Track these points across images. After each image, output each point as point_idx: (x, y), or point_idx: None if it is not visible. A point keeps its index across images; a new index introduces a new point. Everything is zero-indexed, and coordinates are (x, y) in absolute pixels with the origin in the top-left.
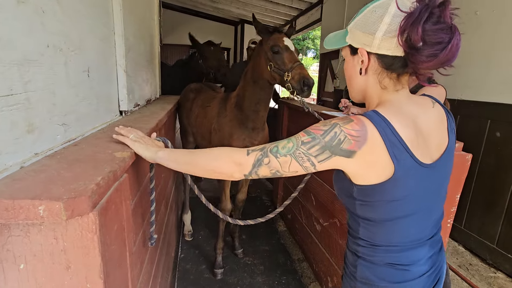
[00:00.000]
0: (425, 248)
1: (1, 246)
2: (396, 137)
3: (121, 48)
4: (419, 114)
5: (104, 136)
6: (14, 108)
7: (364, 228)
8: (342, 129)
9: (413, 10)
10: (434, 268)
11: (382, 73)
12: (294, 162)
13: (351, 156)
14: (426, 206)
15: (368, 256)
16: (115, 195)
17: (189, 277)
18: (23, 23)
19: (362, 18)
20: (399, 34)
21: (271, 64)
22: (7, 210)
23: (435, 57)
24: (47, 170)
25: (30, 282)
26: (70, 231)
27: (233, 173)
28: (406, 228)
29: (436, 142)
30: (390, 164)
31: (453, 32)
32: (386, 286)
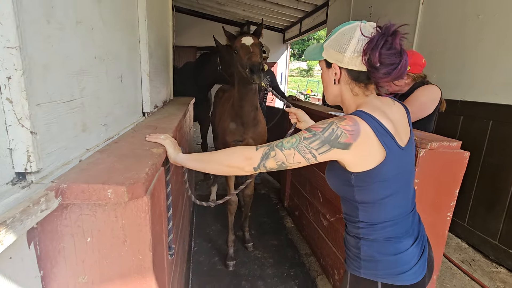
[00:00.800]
0: (409, 220)
1: (74, 222)
2: (382, 128)
3: (145, 55)
4: (387, 109)
5: (137, 135)
6: (74, 111)
7: (363, 211)
8: (338, 125)
9: (372, 37)
10: (419, 239)
11: (352, 83)
12: (297, 154)
13: (347, 148)
14: (405, 182)
15: (369, 236)
16: (157, 183)
17: (203, 269)
18: (80, 40)
19: (334, 38)
20: (363, 55)
21: (238, 65)
22: (83, 192)
23: (389, 75)
24: (103, 162)
25: (94, 252)
26: (127, 211)
27: (244, 166)
28: (395, 203)
29: (403, 130)
30: (382, 150)
31: (402, 55)
32: (387, 260)
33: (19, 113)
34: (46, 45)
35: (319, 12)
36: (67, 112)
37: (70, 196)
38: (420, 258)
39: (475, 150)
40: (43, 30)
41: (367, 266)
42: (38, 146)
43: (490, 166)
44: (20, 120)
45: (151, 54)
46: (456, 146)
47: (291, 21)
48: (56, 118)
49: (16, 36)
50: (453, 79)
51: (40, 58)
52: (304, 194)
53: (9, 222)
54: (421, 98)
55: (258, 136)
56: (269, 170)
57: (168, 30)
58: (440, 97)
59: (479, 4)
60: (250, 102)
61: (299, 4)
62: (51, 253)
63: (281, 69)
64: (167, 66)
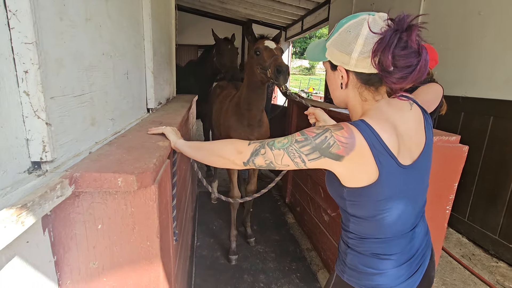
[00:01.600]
0: (407, 238)
1: (86, 210)
2: (381, 144)
3: (150, 52)
4: (398, 118)
5: (143, 129)
6: (84, 105)
7: (354, 223)
8: (332, 134)
9: (383, 34)
10: (416, 255)
11: (361, 87)
12: (286, 156)
13: (339, 159)
14: (408, 201)
15: (356, 247)
16: (164, 174)
17: (206, 263)
18: (89, 36)
19: (338, 37)
20: (372, 56)
21: (258, 67)
22: (95, 180)
23: (405, 79)
24: (112, 154)
25: (105, 239)
26: (136, 199)
27: (234, 159)
28: (391, 222)
29: (415, 142)
30: (375, 169)
31: (421, 54)
32: (370, 272)
33: (35, 105)
34: (59, 41)
35: (321, 9)
36: (77, 106)
37: (82, 184)
38: (411, 277)
39: (476, 145)
40: (56, 26)
41: (350, 273)
42: (52, 137)
43: (491, 162)
44: (36, 112)
45: (155, 51)
46: (455, 140)
47: (293, 19)
48: (68, 111)
49: (33, 32)
50: (454, 76)
51: (54, 54)
52: (305, 190)
53: (29, 205)
54: (425, 96)
55: (262, 136)
56: (258, 167)
57: (171, 28)
58: (442, 95)
59: (481, 1)
60: (257, 106)
61: (301, 1)
62: (64, 239)
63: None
64: (170, 64)
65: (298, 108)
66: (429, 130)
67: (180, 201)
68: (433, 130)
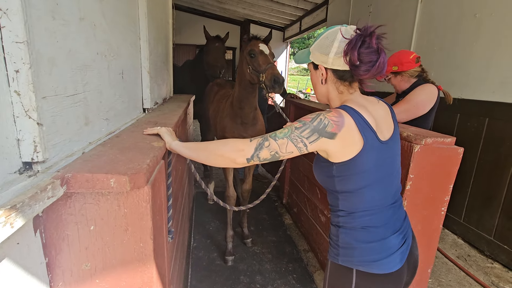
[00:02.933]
0: (389, 212)
1: (78, 211)
2: (364, 120)
3: (146, 51)
4: (370, 106)
5: (137, 130)
6: (78, 105)
7: (343, 200)
8: (325, 116)
9: (351, 38)
10: (400, 231)
11: (337, 82)
12: (290, 144)
13: (333, 137)
14: (385, 175)
15: (347, 224)
16: (158, 175)
17: (202, 264)
18: (83, 35)
19: (319, 42)
20: (344, 55)
21: (250, 67)
22: (87, 181)
23: (369, 71)
24: (105, 154)
25: (97, 240)
26: (129, 200)
27: (236, 158)
28: (373, 194)
29: (385, 125)
30: (361, 140)
31: (380, 53)
32: (362, 247)
33: (27, 105)
34: (52, 40)
35: (319, 10)
36: (70, 105)
37: (74, 185)
38: (398, 250)
39: (471, 147)
40: (48, 25)
41: (344, 253)
42: (44, 137)
43: (486, 163)
44: (27, 112)
45: (151, 51)
46: (450, 142)
47: (291, 19)
48: (60, 111)
49: (24, 31)
50: (450, 77)
51: (46, 53)
52: (302, 191)
53: (19, 206)
54: (418, 97)
55: (257, 134)
56: (262, 161)
57: (168, 27)
58: (436, 96)
59: (476, 3)
60: (250, 104)
61: (299, 2)
62: (56, 240)
63: (281, 68)
64: (167, 63)
65: (295, 107)
66: (395, 121)
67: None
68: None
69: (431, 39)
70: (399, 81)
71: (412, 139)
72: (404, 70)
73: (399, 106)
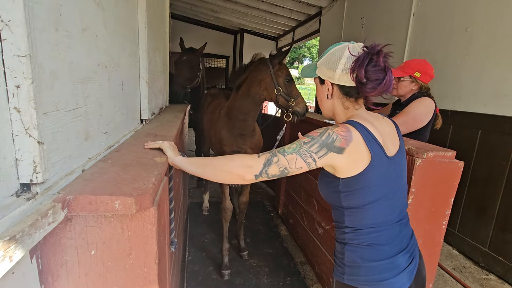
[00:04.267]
0: (395, 230)
1: (78, 234)
2: (371, 135)
3: (145, 61)
4: (376, 122)
5: (138, 143)
6: (78, 119)
7: (348, 216)
8: (333, 130)
9: (359, 56)
10: (407, 250)
11: (343, 98)
12: (299, 159)
13: (341, 152)
14: (391, 191)
15: (353, 241)
16: (162, 194)
17: (198, 278)
18: (85, 47)
19: (326, 58)
20: (351, 72)
21: (280, 89)
22: (90, 204)
23: (375, 89)
24: (107, 172)
25: (98, 265)
26: (134, 222)
27: (244, 174)
28: (379, 210)
29: (391, 141)
30: (368, 155)
31: (386, 72)
32: (368, 266)
33: (27, 122)
34: (54, 53)
35: (312, 21)
36: (71, 120)
37: (76, 208)
38: (406, 268)
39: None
40: (51, 37)
41: (350, 272)
42: (44, 156)
43: (479, 175)
44: (27, 130)
45: (150, 61)
46: (451, 156)
47: (284, 29)
48: (61, 127)
49: (27, 44)
50: (443, 90)
51: (48, 66)
52: (299, 202)
53: (18, 237)
54: (416, 109)
55: (255, 145)
56: (270, 177)
57: (166, 37)
58: (434, 110)
59: (468, 17)
60: (253, 117)
61: (292, 13)
62: (53, 266)
63: None
64: (164, 72)
65: None
66: (401, 137)
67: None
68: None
69: (423, 52)
70: (409, 88)
71: (413, 152)
72: (422, 81)
73: (397, 118)
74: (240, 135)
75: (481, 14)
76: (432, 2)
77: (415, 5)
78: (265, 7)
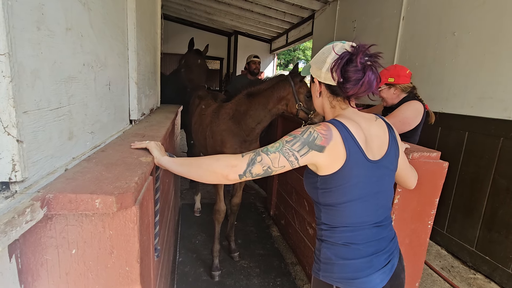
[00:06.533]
0: (372, 231)
1: (59, 233)
2: (350, 135)
3: (134, 62)
4: (363, 123)
5: (124, 143)
6: (62, 119)
7: (325, 213)
8: (315, 129)
9: (339, 55)
10: (384, 252)
11: (331, 97)
12: (282, 158)
13: (322, 150)
14: (369, 193)
15: (329, 238)
16: (146, 193)
17: (188, 280)
18: (69, 46)
19: (316, 56)
20: (330, 71)
21: (301, 104)
22: (70, 202)
23: (352, 89)
24: (90, 171)
25: (79, 264)
26: (115, 221)
27: (228, 174)
28: (355, 210)
29: (377, 145)
30: (344, 155)
31: (365, 71)
32: (342, 263)
33: (6, 121)
34: (36, 52)
35: (305, 24)
36: (54, 119)
37: (56, 207)
38: (380, 269)
39: (452, 160)
40: (33, 36)
41: (325, 268)
42: (24, 155)
43: (467, 176)
44: (6, 128)
45: (139, 61)
46: (436, 156)
47: (278, 32)
48: (43, 126)
49: (6, 42)
50: (431, 92)
51: (29, 65)
52: (290, 203)
53: None
54: (403, 113)
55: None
56: (254, 177)
57: (157, 38)
58: (423, 113)
59: (455, 22)
60: (264, 126)
61: (286, 16)
62: (33, 266)
63: None
64: (155, 73)
65: (283, 119)
66: (393, 141)
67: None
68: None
69: (412, 55)
70: (391, 94)
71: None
72: (399, 83)
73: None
74: (245, 141)
75: (468, 19)
76: (421, 6)
77: (404, 9)
78: (259, 9)
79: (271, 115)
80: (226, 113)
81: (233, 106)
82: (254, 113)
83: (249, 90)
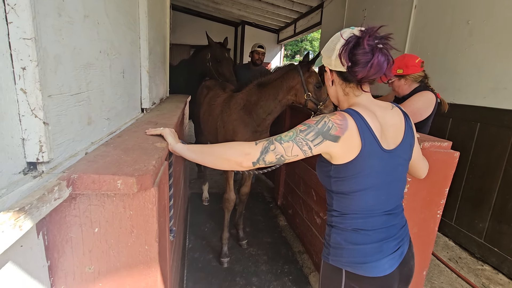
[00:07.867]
0: (383, 218)
1: (82, 212)
2: (366, 126)
3: (145, 51)
4: (379, 112)
5: (139, 130)
6: (81, 104)
7: (337, 200)
8: (330, 119)
9: (347, 40)
10: (394, 238)
11: (343, 84)
12: (295, 147)
13: (336, 140)
14: (382, 182)
15: (339, 224)
16: (163, 176)
17: (198, 265)
18: (87, 33)
19: (327, 45)
20: (339, 57)
21: (309, 94)
22: (93, 182)
23: (361, 72)
24: (109, 155)
25: (102, 242)
26: (135, 202)
27: (242, 161)
28: (366, 199)
29: (392, 134)
30: (360, 144)
31: (374, 53)
32: (351, 248)
33: (33, 103)
34: (58, 38)
35: (314, 13)
36: (74, 104)
37: (80, 186)
38: (389, 255)
39: (463, 151)
40: (55, 22)
41: (334, 253)
42: (49, 136)
43: (477, 167)
44: (33, 110)
45: (151, 50)
46: (446, 146)
47: (286, 21)
48: (65, 110)
49: (32, 27)
50: (443, 82)
51: (52, 51)
52: (298, 193)
53: (27, 208)
54: (415, 104)
55: None
56: (267, 164)
57: (166, 27)
58: (434, 103)
59: (469, 10)
60: (274, 116)
61: (294, 5)
62: (59, 242)
63: None
64: (165, 63)
65: (290, 109)
66: (409, 130)
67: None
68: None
69: (424, 45)
70: (402, 85)
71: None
72: (408, 74)
73: None
74: (256, 131)
75: (482, 7)
76: None
77: None
78: None
79: (281, 106)
80: (237, 103)
81: (244, 96)
82: (264, 104)
83: (260, 81)
